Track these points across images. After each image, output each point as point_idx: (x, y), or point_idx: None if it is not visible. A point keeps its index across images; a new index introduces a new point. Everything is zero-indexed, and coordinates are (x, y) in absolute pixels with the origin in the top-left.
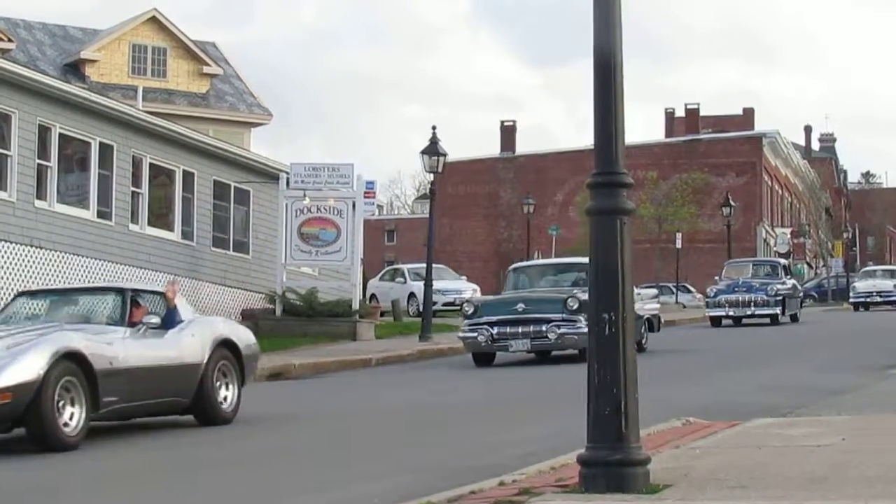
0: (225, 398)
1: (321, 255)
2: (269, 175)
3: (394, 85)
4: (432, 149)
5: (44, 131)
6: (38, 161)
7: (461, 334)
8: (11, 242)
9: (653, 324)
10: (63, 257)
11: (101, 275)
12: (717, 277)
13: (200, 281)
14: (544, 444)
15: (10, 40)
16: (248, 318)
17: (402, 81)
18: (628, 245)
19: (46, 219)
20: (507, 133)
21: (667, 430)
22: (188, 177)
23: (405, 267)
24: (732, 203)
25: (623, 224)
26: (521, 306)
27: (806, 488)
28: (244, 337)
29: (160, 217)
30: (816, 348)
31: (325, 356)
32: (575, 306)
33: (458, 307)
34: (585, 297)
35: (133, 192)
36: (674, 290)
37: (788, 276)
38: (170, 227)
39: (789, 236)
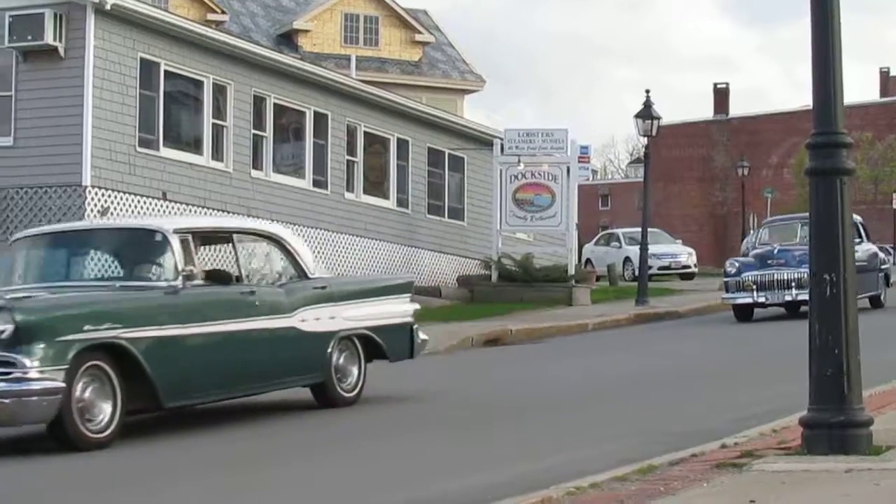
0: None
1: (536, 221)
2: (482, 141)
3: (606, 47)
4: (646, 112)
5: (258, 102)
6: (253, 131)
7: None
8: (229, 212)
9: (381, 345)
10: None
11: (318, 243)
12: (746, 242)
13: (418, 248)
14: (761, 407)
15: (223, 12)
16: (464, 284)
17: (614, 44)
18: (848, 205)
19: (262, 188)
20: (721, 95)
21: (888, 392)
22: (402, 145)
23: (620, 231)
24: None
25: (843, 184)
26: None
27: None
28: None
29: (375, 185)
30: None
31: (541, 321)
32: (6, 332)
33: (674, 271)
34: (34, 311)
35: (348, 161)
36: (891, 251)
37: (860, 242)
38: (385, 195)
39: None
